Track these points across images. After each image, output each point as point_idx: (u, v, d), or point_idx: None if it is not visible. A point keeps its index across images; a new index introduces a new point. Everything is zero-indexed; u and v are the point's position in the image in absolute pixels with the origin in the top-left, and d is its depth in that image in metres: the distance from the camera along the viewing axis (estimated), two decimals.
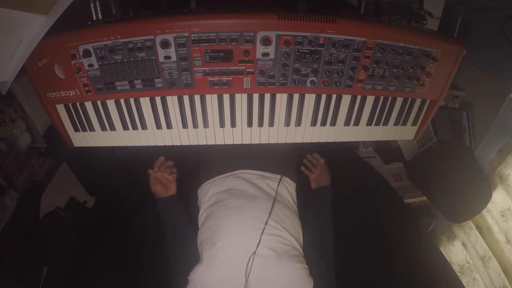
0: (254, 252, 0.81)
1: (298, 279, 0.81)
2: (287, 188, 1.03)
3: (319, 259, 0.87)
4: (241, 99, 0.82)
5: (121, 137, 0.86)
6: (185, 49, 0.71)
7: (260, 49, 0.73)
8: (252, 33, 0.71)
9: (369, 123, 0.90)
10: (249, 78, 0.77)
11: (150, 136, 0.86)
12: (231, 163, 1.05)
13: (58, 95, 0.78)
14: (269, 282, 0.79)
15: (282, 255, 0.82)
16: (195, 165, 1.16)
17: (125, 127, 0.85)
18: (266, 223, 0.86)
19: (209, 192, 1.00)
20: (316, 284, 0.82)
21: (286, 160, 1.11)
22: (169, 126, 0.84)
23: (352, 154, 1.58)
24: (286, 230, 0.88)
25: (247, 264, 0.79)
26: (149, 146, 0.87)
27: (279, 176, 1.02)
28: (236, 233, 0.85)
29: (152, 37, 0.69)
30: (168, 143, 0.87)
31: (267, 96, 0.83)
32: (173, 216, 0.98)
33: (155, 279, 1.01)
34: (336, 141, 0.91)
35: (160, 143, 0.87)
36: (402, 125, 0.92)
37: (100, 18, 0.73)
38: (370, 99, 0.86)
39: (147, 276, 1.03)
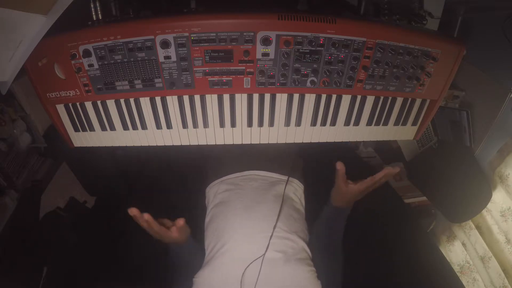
0: (263, 255, 0.79)
1: (306, 282, 0.79)
2: (296, 189, 1.02)
3: (327, 260, 0.86)
4: (241, 99, 0.82)
5: (121, 137, 0.86)
6: (185, 49, 0.71)
7: (260, 49, 0.73)
8: (252, 33, 0.70)
9: (369, 123, 0.89)
10: (249, 78, 0.77)
11: (150, 136, 0.86)
12: (241, 164, 1.05)
13: (58, 95, 0.78)
14: (276, 286, 0.78)
15: (290, 258, 0.81)
16: (202, 165, 1.16)
17: (125, 127, 0.85)
18: (275, 225, 0.85)
19: (218, 191, 0.99)
20: (323, 286, 0.80)
21: (294, 162, 1.09)
22: (169, 126, 0.84)
23: (352, 154, 1.58)
24: (295, 233, 0.87)
25: (255, 268, 0.78)
26: (149, 146, 0.87)
27: (286, 178, 1.02)
28: (244, 235, 0.84)
29: (152, 37, 0.69)
30: (168, 143, 0.87)
31: (267, 96, 0.82)
32: (185, 259, 0.88)
33: (154, 279, 1.01)
34: (336, 141, 0.91)
35: (160, 143, 0.87)
36: (402, 125, 0.92)
37: (100, 18, 0.73)
38: (370, 99, 0.86)
39: (146, 276, 1.03)
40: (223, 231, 0.87)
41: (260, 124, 0.85)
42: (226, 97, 0.81)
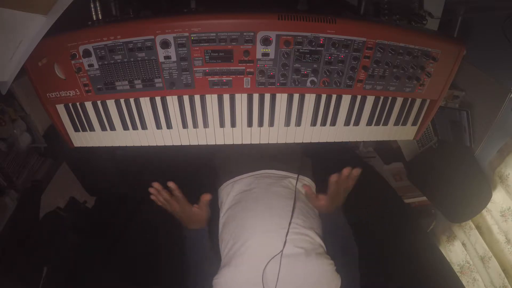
0: (281, 251, 0.80)
1: (328, 275, 0.81)
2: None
3: (341, 255, 0.87)
4: (241, 99, 0.82)
5: (121, 137, 0.86)
6: (185, 49, 0.71)
7: (260, 49, 0.73)
8: (252, 33, 0.71)
9: (369, 123, 0.89)
10: (249, 78, 0.77)
11: (150, 136, 0.86)
12: (251, 164, 1.05)
13: (58, 95, 0.78)
14: (299, 280, 0.79)
15: (311, 253, 0.82)
16: (204, 164, 1.15)
17: (125, 127, 0.85)
18: (290, 222, 0.86)
19: (232, 191, 0.99)
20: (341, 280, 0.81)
21: (302, 161, 1.10)
22: (169, 126, 0.84)
23: (352, 154, 1.58)
24: (311, 228, 0.88)
25: (277, 264, 0.79)
26: (149, 146, 0.87)
27: (297, 175, 1.02)
28: (263, 233, 0.85)
29: (152, 37, 0.69)
30: (168, 143, 0.87)
31: (267, 96, 0.83)
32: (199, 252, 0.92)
33: (154, 279, 1.01)
34: (336, 141, 0.91)
35: (160, 143, 0.87)
36: (402, 125, 0.92)
37: (100, 18, 0.73)
38: (370, 99, 0.86)
39: (146, 276, 1.03)
40: (241, 230, 0.87)
41: (260, 124, 0.85)
42: (226, 97, 0.81)
